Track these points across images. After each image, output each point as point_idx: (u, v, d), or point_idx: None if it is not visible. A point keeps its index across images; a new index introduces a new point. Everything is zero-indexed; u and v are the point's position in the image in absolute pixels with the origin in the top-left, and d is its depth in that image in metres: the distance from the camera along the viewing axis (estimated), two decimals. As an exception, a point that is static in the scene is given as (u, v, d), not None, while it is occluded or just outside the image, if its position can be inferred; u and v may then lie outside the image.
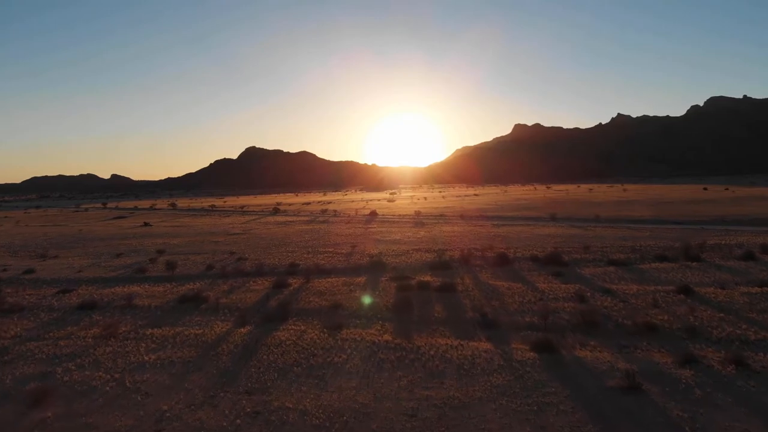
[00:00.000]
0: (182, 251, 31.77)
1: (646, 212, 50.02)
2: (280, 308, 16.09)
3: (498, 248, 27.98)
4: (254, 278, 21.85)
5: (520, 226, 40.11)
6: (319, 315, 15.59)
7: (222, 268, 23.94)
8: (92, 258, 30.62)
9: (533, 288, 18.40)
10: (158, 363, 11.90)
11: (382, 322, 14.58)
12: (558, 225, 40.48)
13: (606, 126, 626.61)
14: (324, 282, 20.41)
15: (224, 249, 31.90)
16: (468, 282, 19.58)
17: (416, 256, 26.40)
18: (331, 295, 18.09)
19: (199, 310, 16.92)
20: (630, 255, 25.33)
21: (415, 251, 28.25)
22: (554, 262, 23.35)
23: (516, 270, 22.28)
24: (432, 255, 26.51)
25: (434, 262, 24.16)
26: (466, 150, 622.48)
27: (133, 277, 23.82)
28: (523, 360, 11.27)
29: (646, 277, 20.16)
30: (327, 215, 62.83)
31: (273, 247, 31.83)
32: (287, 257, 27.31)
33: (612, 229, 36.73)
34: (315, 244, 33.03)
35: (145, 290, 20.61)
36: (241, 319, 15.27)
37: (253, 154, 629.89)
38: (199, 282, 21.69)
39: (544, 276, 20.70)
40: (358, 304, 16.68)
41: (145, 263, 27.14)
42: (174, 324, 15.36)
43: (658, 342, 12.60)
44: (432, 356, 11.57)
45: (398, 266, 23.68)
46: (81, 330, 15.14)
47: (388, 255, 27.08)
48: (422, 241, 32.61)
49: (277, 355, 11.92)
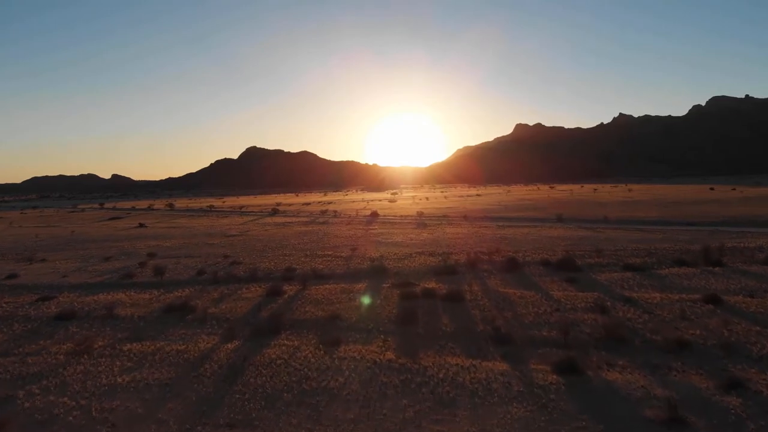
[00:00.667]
0: (174, 254, 30.40)
1: (655, 213, 48.60)
2: (273, 320, 14.71)
3: (505, 251, 26.59)
4: (247, 284, 20.47)
5: (527, 228, 38.69)
6: (314, 327, 14.22)
7: (214, 273, 22.57)
8: (80, 261, 29.26)
9: (547, 296, 17.01)
10: (132, 386, 10.53)
11: (384, 337, 13.20)
12: (565, 226, 39.07)
13: (608, 126, 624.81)
14: (321, 289, 19.02)
15: (219, 252, 30.52)
16: (476, 289, 18.18)
17: (420, 260, 25.00)
18: (328, 304, 16.71)
19: (185, 322, 15.55)
20: (646, 259, 23.95)
21: (418, 254, 26.86)
22: (567, 267, 21.96)
23: (527, 275, 20.89)
24: (436, 259, 25.14)
25: (439, 266, 22.78)
26: (467, 150, 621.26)
27: (119, 282, 22.45)
28: (545, 385, 9.88)
29: (667, 284, 18.75)
30: (327, 216, 61.46)
31: (269, 250, 30.45)
32: (283, 261, 25.92)
33: (622, 230, 35.31)
34: (313, 246, 31.65)
35: (130, 298, 19.24)
36: (229, 332, 13.89)
37: (253, 154, 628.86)
38: (188, 288, 20.33)
39: (558, 282, 19.31)
40: (357, 315, 15.30)
41: (134, 267, 25.78)
42: (156, 337, 14.00)
43: (694, 361, 11.23)
44: (441, 380, 10.18)
45: (401, 271, 22.29)
46: (54, 344, 13.79)
47: (389, 258, 25.71)
48: (425, 244, 31.22)
49: (265, 378, 10.54)
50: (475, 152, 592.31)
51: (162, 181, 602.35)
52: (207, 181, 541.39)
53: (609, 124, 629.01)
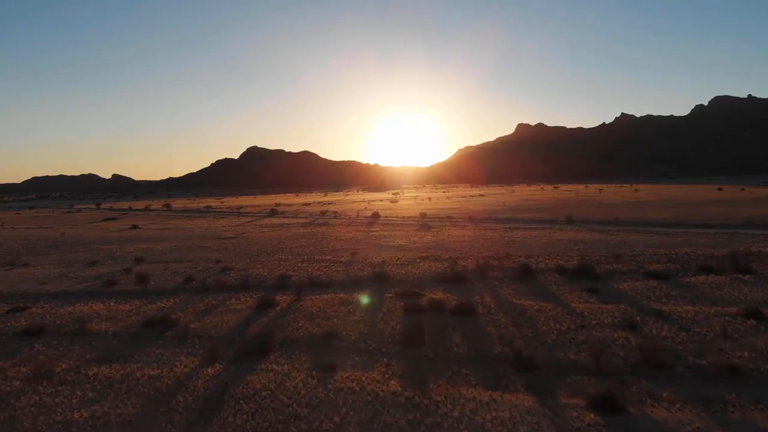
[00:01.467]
0: (164, 258, 28.73)
1: (667, 214, 46.83)
2: (262, 338, 13.02)
3: (516, 257, 24.89)
4: (237, 294, 18.79)
5: (535, 230, 36.97)
6: (308, 347, 12.54)
7: (202, 281, 20.88)
8: (63, 266, 27.61)
9: (568, 310, 15.30)
10: (89, 424, 8.86)
11: (387, 360, 11.52)
12: (576, 229, 37.34)
13: (609, 125, 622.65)
14: (318, 300, 17.33)
15: (211, 256, 28.85)
16: (489, 301, 16.47)
17: (424, 266, 23.30)
18: (324, 318, 15.02)
19: (164, 339, 13.88)
20: (668, 265, 22.25)
21: (422, 260, 25.17)
22: (585, 275, 20.27)
23: (542, 284, 19.19)
24: (442, 265, 23.44)
25: (446, 273, 21.08)
26: (468, 150, 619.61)
27: (100, 291, 20.78)
28: (582, 428, 8.19)
29: (698, 295, 17.04)
30: (327, 217, 59.75)
31: (264, 254, 28.76)
32: (278, 267, 24.23)
33: (637, 233, 33.58)
34: (311, 250, 29.95)
35: (108, 309, 17.57)
36: (211, 353, 12.20)
37: (254, 153, 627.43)
38: (173, 298, 18.65)
39: (578, 293, 17.61)
40: (357, 332, 13.60)
41: (119, 274, 24.11)
42: (128, 359, 12.33)
43: (750, 392, 9.56)
44: (457, 420, 8.49)
45: (404, 279, 20.61)
46: (13, 367, 12.14)
47: (392, 264, 24.02)
48: (430, 248, 29.52)
49: (246, 416, 8.85)
50: (477, 152, 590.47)
51: (162, 181, 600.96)
52: (208, 181, 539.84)
53: (611, 124, 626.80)
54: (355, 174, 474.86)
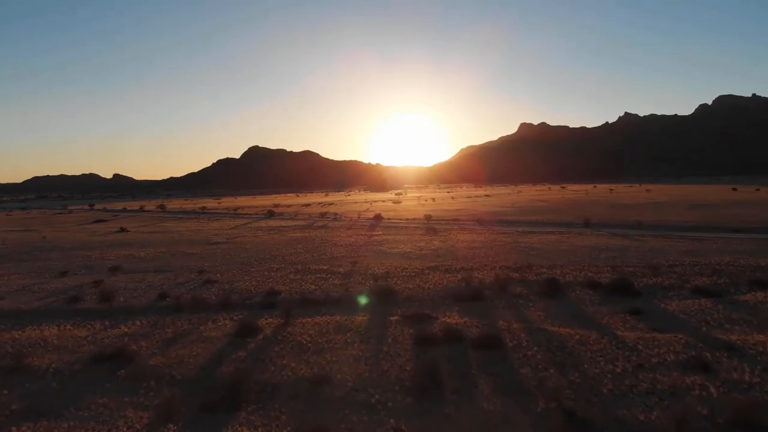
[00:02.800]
0: (143, 267, 25.90)
1: (689, 217, 43.87)
2: (235, 383, 10.19)
3: (538, 267, 22.01)
4: (215, 315, 15.94)
5: (553, 235, 34.05)
6: (292, 399, 9.68)
7: (177, 298, 18.02)
8: (32, 277, 24.81)
9: (616, 341, 12.41)
10: None
11: (394, 422, 8.64)
12: (597, 233, 34.42)
13: (613, 125, 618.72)
14: (309, 324, 14.45)
15: (195, 265, 26.01)
16: (517, 328, 13.58)
17: (434, 279, 20.42)
18: (315, 352, 12.15)
19: (115, 380, 11.04)
20: (715, 279, 19.39)
21: (431, 270, 22.28)
22: (623, 291, 17.40)
23: (575, 304, 16.31)
24: (455, 277, 20.57)
25: (460, 289, 18.22)
26: (471, 149, 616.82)
27: (59, 309, 17.95)
28: None
29: (764, 319, 14.15)
30: (326, 219, 56.87)
31: (254, 263, 25.90)
32: (268, 279, 21.36)
33: (666, 239, 30.66)
34: (307, 258, 27.09)
35: (61, 335, 14.73)
36: (166, 407, 9.35)
37: (256, 153, 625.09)
38: (139, 320, 15.81)
39: (620, 316, 14.73)
40: (355, 375, 10.74)
41: (87, 287, 21.29)
42: (61, 412, 9.51)
43: None
44: None
45: (412, 295, 17.74)
46: None
47: (397, 276, 21.16)
48: (438, 255, 26.64)
49: None
50: (479, 152, 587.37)
51: (163, 180, 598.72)
52: (209, 180, 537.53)
53: (614, 124, 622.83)
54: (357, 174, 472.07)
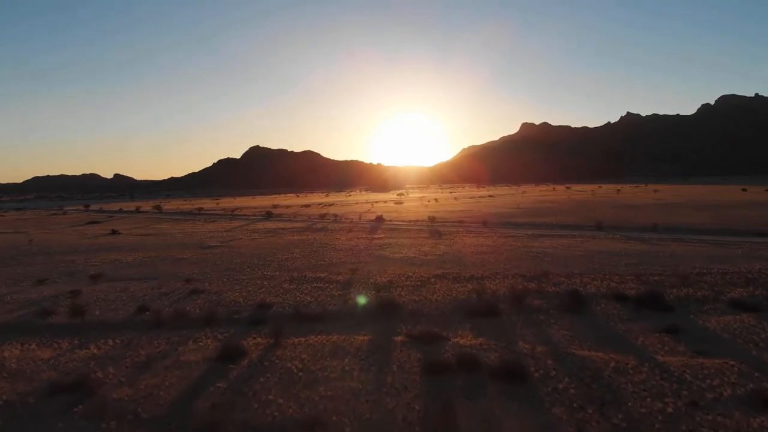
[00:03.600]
0: (127, 275, 24.11)
1: (706, 219, 41.96)
2: (210, 424, 8.40)
3: (555, 276, 20.17)
4: (198, 332, 14.13)
5: (565, 238, 32.21)
6: (276, 451, 7.87)
7: (157, 312, 16.19)
8: (7, 285, 23.04)
9: (657, 367, 10.57)
10: None
11: (404, 489, 6.81)
12: (611, 237, 32.55)
13: (615, 125, 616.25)
14: (302, 345, 12.64)
15: (184, 272, 24.22)
16: (541, 352, 11.74)
17: (442, 289, 18.58)
18: (308, 384, 10.31)
19: (69, 417, 9.25)
20: (751, 290, 17.56)
21: (438, 279, 20.45)
22: (654, 305, 15.57)
23: (602, 320, 14.48)
24: (465, 287, 18.73)
25: (472, 301, 16.40)
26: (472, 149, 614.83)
27: (28, 324, 16.17)
28: None
29: (825, 339, 12.32)
30: (326, 221, 55.03)
31: (247, 270, 24.09)
32: (259, 290, 19.53)
33: (685, 243, 28.81)
34: (303, 264, 25.27)
35: (22, 356, 12.94)
36: (119, 461, 7.55)
37: (256, 153, 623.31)
38: (112, 339, 14.01)
39: (655, 335, 12.92)
40: (354, 416, 8.92)
41: (63, 298, 19.50)
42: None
43: None
44: None
45: (419, 309, 15.92)
46: None
47: (401, 286, 19.33)
48: (445, 261, 24.82)
49: None
50: (481, 152, 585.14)
51: (164, 180, 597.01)
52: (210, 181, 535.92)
53: (616, 123, 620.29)
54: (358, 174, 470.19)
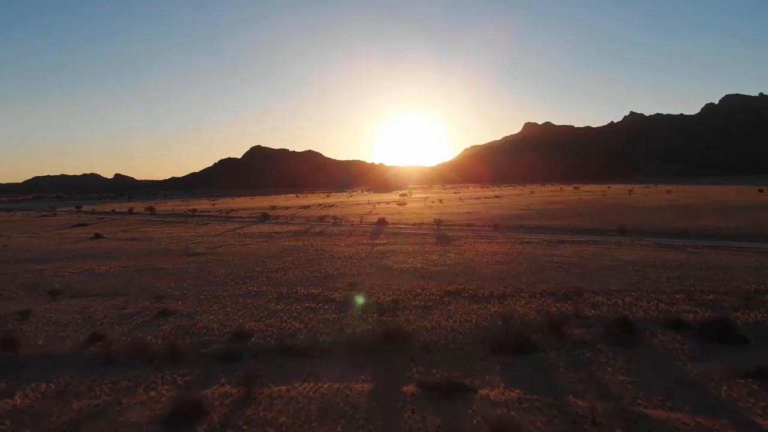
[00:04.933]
0: (94, 289, 21.03)
1: (736, 223, 38.68)
2: None
3: (590, 294, 17.05)
4: (153, 376, 11.05)
5: (587, 245, 29.07)
6: None
7: (109, 344, 13.08)
8: (-47, 301, 19.91)
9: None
10: None
11: None
12: (639, 243, 29.37)
13: (618, 124, 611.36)
14: (281, 401, 9.53)
15: (158, 286, 21.14)
16: (602, 412, 8.61)
17: (459, 312, 15.44)
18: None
19: None
20: (836, 314, 14.36)
21: (452, 297, 17.33)
22: (721, 335, 12.43)
23: (663, 358, 11.38)
24: (485, 309, 15.59)
25: (496, 330, 13.32)
26: (474, 149, 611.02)
27: (-51, 358, 13.06)
28: None
29: None
30: (325, 224, 51.85)
31: (230, 284, 20.98)
32: (239, 311, 16.42)
33: (726, 252, 25.65)
34: (295, 277, 22.16)
35: None
36: None
37: (258, 153, 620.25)
38: (48, 381, 10.97)
39: (740, 382, 9.90)
40: None
41: (9, 320, 16.41)
42: None
43: None
44: None
45: (432, 341, 12.82)
46: None
47: (409, 307, 16.22)
48: (457, 273, 21.68)
49: None
50: (483, 151, 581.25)
51: (165, 180, 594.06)
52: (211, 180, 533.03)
53: (619, 123, 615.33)
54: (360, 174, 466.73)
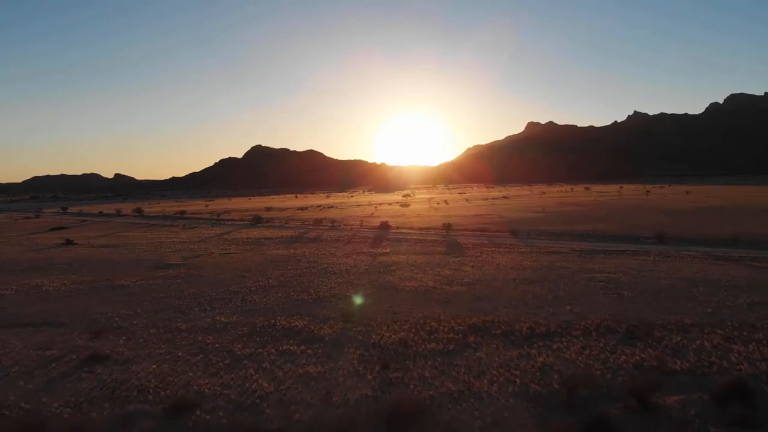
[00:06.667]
0: (25, 317, 16.77)
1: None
2: None
3: (660, 327, 12.79)
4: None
5: (628, 256, 24.74)
6: None
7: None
8: None
9: None
10: None
11: None
12: (687, 254, 25.03)
13: (621, 124, 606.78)
14: None
15: (105, 313, 16.90)
16: None
17: (493, 363, 11.16)
18: None
19: None
20: None
21: (480, 336, 13.05)
22: None
23: None
24: (526, 357, 11.34)
25: (554, 398, 9.03)
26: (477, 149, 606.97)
27: None
28: None
29: None
30: (321, 228, 47.56)
31: (194, 310, 16.70)
32: (193, 358, 12.13)
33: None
34: (278, 299, 17.87)
35: None
36: None
37: (258, 152, 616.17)
38: None
39: None
40: None
41: None
42: None
43: None
44: None
45: (460, 420, 8.54)
46: None
47: (422, 354, 11.95)
48: (480, 297, 17.39)
49: None
50: (486, 151, 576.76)
51: (166, 180, 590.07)
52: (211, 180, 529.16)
53: (623, 122, 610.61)
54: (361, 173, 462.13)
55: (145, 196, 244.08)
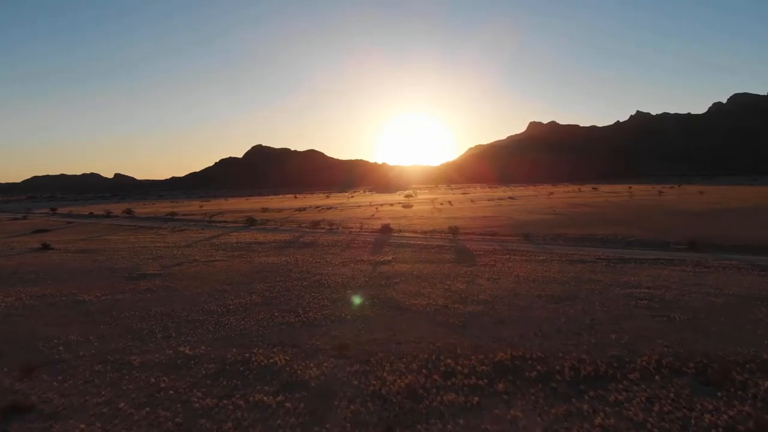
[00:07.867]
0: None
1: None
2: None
3: (735, 365, 9.85)
4: None
5: (663, 267, 21.83)
6: None
7: None
8: None
9: None
10: None
11: None
12: (729, 264, 22.13)
13: (624, 123, 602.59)
14: None
15: (50, 340, 14.08)
16: None
17: (522, 423, 8.26)
18: None
19: None
20: None
21: (511, 381, 10.21)
22: None
23: None
24: (580, 416, 8.41)
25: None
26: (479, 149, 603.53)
27: None
28: None
29: None
30: (318, 231, 44.64)
31: (154, 340, 13.82)
32: (136, 415, 9.22)
33: None
34: (257, 325, 14.95)
35: None
36: None
37: (259, 152, 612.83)
38: None
39: None
40: None
41: None
42: None
43: None
44: None
45: None
46: None
47: (437, 409, 9.13)
48: (503, 321, 14.50)
49: None
50: (488, 151, 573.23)
51: (166, 180, 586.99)
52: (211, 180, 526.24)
53: (625, 122, 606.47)
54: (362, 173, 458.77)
55: (143, 197, 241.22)
